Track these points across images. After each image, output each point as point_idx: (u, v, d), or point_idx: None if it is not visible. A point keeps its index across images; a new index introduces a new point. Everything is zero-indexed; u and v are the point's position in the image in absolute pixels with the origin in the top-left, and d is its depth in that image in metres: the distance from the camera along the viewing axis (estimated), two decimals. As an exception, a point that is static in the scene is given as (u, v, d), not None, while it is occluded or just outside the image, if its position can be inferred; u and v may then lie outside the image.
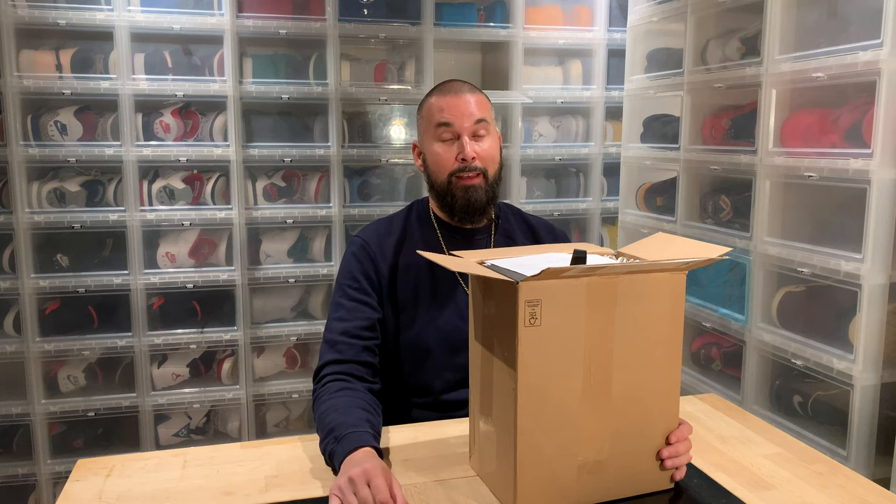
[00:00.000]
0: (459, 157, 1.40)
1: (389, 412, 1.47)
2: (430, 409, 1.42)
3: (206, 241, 2.48)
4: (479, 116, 1.40)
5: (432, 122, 1.42)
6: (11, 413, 2.35)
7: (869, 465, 1.65)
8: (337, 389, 1.26)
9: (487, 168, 1.42)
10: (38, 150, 2.28)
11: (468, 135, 1.40)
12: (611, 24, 2.70)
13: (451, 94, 1.42)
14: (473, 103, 1.41)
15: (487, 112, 1.43)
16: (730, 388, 2.06)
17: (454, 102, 1.41)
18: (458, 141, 1.40)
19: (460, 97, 1.41)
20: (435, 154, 1.42)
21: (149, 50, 2.37)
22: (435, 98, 1.44)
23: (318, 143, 2.53)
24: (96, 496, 1.06)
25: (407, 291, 1.42)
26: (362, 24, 2.48)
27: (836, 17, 1.77)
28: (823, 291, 1.78)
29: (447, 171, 1.41)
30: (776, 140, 1.88)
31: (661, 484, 1.06)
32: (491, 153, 1.43)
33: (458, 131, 1.40)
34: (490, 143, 1.43)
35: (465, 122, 1.40)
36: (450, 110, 1.40)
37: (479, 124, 1.41)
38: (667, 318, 1.02)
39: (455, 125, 1.40)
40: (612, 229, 2.82)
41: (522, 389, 0.95)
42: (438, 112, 1.41)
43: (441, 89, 1.45)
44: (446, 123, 1.40)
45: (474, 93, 1.44)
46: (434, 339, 1.41)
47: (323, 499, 1.04)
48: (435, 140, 1.42)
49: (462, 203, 1.42)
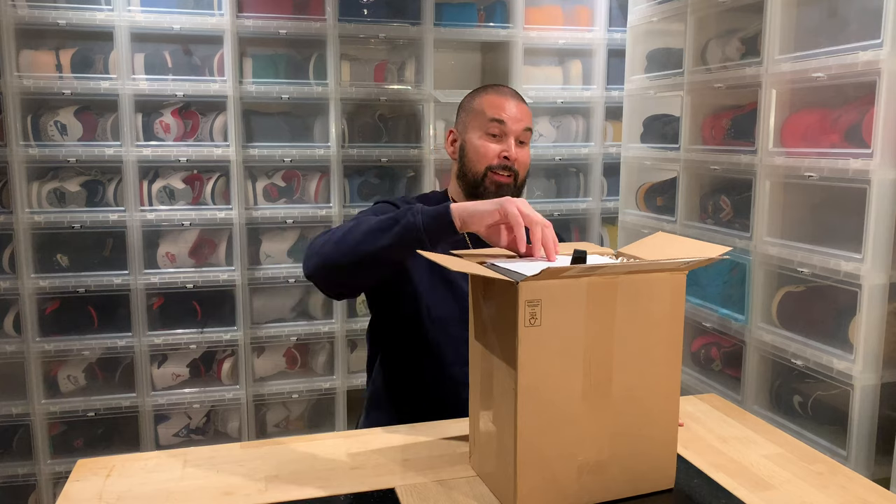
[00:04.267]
0: (503, 154, 1.49)
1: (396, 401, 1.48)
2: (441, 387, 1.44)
3: (206, 241, 2.48)
4: (527, 125, 1.51)
5: (485, 115, 1.50)
6: (11, 413, 2.35)
7: (869, 465, 1.65)
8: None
9: (520, 173, 1.51)
10: (38, 150, 2.28)
11: (515, 138, 1.49)
12: (611, 24, 2.70)
13: (508, 97, 1.52)
14: (525, 112, 1.52)
15: (532, 124, 1.54)
16: (730, 388, 2.06)
17: (511, 105, 1.50)
18: (506, 140, 1.49)
19: (518, 103, 1.52)
20: (478, 146, 1.50)
21: (149, 50, 2.37)
22: (493, 96, 1.52)
23: (318, 143, 2.53)
24: (96, 496, 1.06)
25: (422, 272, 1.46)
26: (362, 24, 2.48)
27: (836, 17, 1.77)
28: (823, 291, 1.78)
29: (486, 164, 1.49)
30: (776, 140, 1.88)
31: (661, 484, 1.06)
32: (526, 161, 1.53)
33: (508, 132, 1.49)
34: (527, 153, 1.54)
35: (517, 126, 1.49)
36: (507, 111, 1.49)
37: (527, 132, 1.51)
38: (667, 318, 1.02)
39: (508, 125, 1.49)
40: (612, 229, 2.82)
41: (522, 389, 0.95)
42: (495, 108, 1.50)
43: (497, 90, 1.54)
44: (500, 121, 1.49)
45: (524, 103, 1.55)
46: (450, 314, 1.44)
47: (322, 499, 1.04)
48: (482, 132, 1.50)
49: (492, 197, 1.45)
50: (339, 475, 1.11)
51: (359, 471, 1.12)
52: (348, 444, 1.22)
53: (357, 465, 1.15)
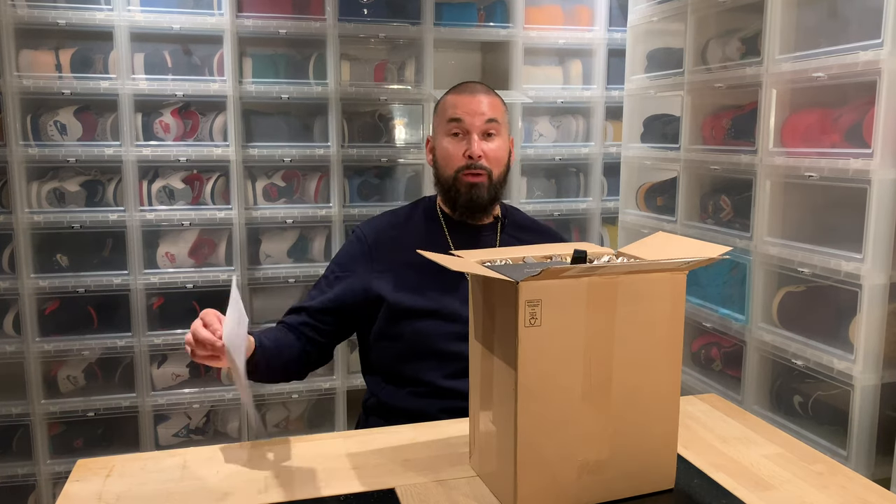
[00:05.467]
0: (467, 153, 1.44)
1: (390, 405, 1.48)
2: (428, 398, 1.43)
3: (206, 241, 2.48)
4: (490, 116, 1.45)
5: (445, 117, 1.47)
6: (11, 413, 2.34)
7: (869, 465, 1.65)
8: (276, 328, 1.47)
9: (493, 168, 1.46)
10: (38, 150, 2.28)
11: (478, 133, 1.44)
12: (611, 24, 2.70)
13: (466, 93, 1.47)
14: (486, 103, 1.46)
15: (500, 113, 1.47)
16: (730, 388, 2.06)
17: (468, 100, 1.46)
18: (468, 138, 1.45)
19: (474, 96, 1.46)
20: (444, 149, 1.47)
21: (149, 50, 2.36)
22: (451, 96, 1.49)
23: (318, 143, 2.53)
24: (96, 496, 1.06)
25: (407, 282, 1.45)
26: (362, 23, 2.48)
27: (836, 17, 1.77)
28: (824, 291, 1.78)
29: (453, 166, 1.46)
30: (776, 140, 1.88)
31: (661, 484, 1.06)
32: (497, 154, 1.47)
33: (469, 128, 1.44)
34: (498, 144, 1.47)
35: (476, 119, 1.44)
36: (462, 107, 1.45)
37: (490, 124, 1.45)
38: (667, 318, 1.02)
39: (465, 122, 1.44)
40: (612, 229, 2.82)
41: (522, 389, 0.95)
42: (452, 108, 1.46)
43: (457, 88, 1.50)
44: (457, 119, 1.45)
45: (489, 94, 1.48)
46: (435, 329, 1.43)
47: (323, 499, 1.04)
48: (445, 135, 1.47)
49: (465, 199, 1.46)
50: (339, 475, 1.11)
51: (359, 471, 1.12)
52: (348, 444, 1.22)
53: (357, 465, 1.15)
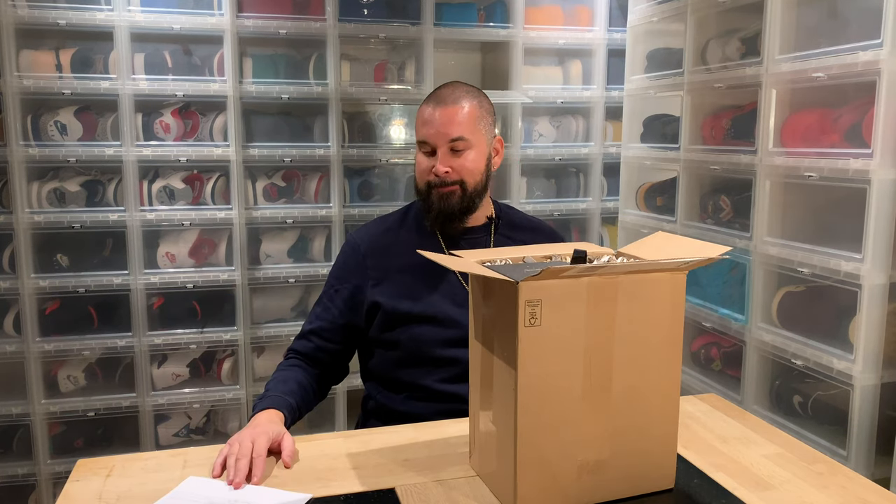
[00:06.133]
0: (433, 171, 1.44)
1: (385, 409, 1.48)
2: (425, 401, 1.43)
3: (206, 241, 2.48)
4: (455, 135, 1.41)
5: (417, 132, 1.47)
6: (11, 413, 2.34)
7: (869, 465, 1.65)
8: (291, 365, 1.44)
9: (465, 179, 1.44)
10: (38, 150, 2.28)
11: (445, 149, 1.43)
12: (611, 24, 2.70)
13: (437, 105, 1.43)
14: (454, 119, 1.41)
15: (470, 125, 1.42)
16: (730, 388, 2.06)
17: (435, 117, 1.42)
18: (436, 154, 1.44)
19: (445, 109, 1.42)
20: (417, 162, 1.48)
21: (149, 50, 2.37)
22: (423, 107, 1.46)
23: (318, 143, 2.52)
24: (96, 496, 1.06)
25: (402, 288, 1.45)
26: (362, 24, 2.48)
27: (836, 17, 1.77)
28: (823, 291, 1.78)
29: (424, 180, 1.47)
30: (776, 140, 1.88)
31: (661, 484, 1.06)
32: (469, 166, 1.44)
33: (435, 147, 1.43)
34: (471, 156, 1.44)
35: (440, 140, 1.42)
36: (429, 126, 1.43)
37: (456, 142, 1.42)
38: (667, 318, 1.02)
39: (430, 142, 1.44)
40: (612, 229, 2.82)
41: (522, 389, 0.95)
42: (421, 125, 1.45)
43: (430, 98, 1.47)
44: (423, 140, 1.45)
45: (460, 103, 1.43)
46: (431, 335, 1.42)
47: (323, 499, 1.04)
48: (419, 151, 1.48)
49: (436, 209, 1.46)
50: (339, 475, 1.11)
51: (359, 471, 1.13)
52: (348, 444, 1.22)
53: (357, 465, 1.15)
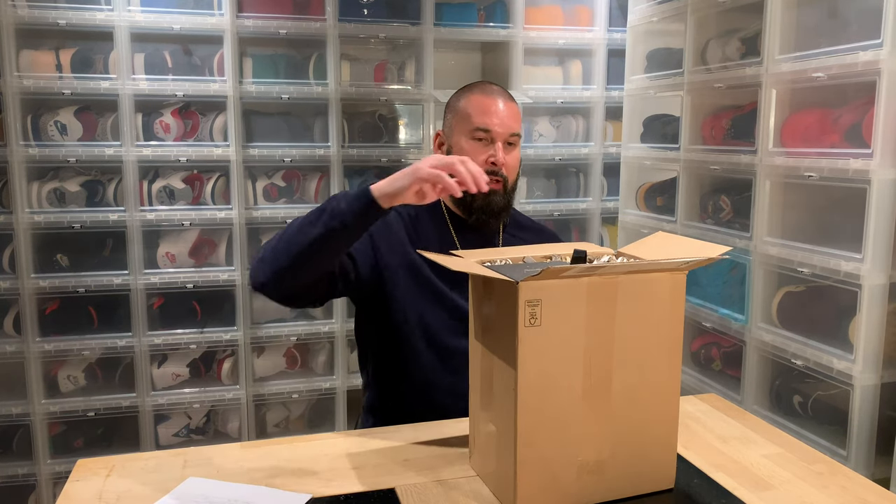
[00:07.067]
0: (490, 160, 1.42)
1: (388, 410, 1.47)
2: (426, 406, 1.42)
3: (206, 241, 2.48)
4: (516, 130, 1.45)
5: (471, 121, 1.44)
6: (11, 413, 2.35)
7: (869, 465, 1.65)
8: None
9: (509, 177, 1.46)
10: (38, 150, 2.28)
11: (502, 142, 1.43)
12: (611, 24, 2.70)
13: (496, 99, 1.44)
14: (513, 115, 1.45)
15: (520, 125, 1.47)
16: (730, 388, 2.06)
17: (498, 111, 1.43)
18: (493, 145, 1.43)
19: (508, 103, 1.45)
20: (464, 152, 1.43)
21: (149, 50, 2.37)
22: (479, 97, 1.45)
23: (318, 143, 2.53)
24: (96, 496, 1.06)
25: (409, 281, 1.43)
26: (362, 24, 2.48)
27: (836, 17, 1.77)
28: (823, 291, 1.78)
29: None
30: (776, 140, 1.88)
31: (661, 484, 1.06)
32: (514, 165, 1.47)
33: (495, 138, 1.43)
34: (517, 154, 1.48)
35: (504, 132, 1.43)
36: (492, 116, 1.43)
37: (514, 137, 1.45)
38: (667, 318, 1.02)
39: (493, 132, 1.43)
40: (612, 229, 2.82)
41: (522, 389, 0.95)
42: (481, 114, 1.43)
43: (484, 90, 1.47)
44: (486, 129, 1.43)
45: (512, 102, 1.47)
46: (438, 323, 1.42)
47: (323, 499, 1.04)
48: (468, 138, 1.44)
49: (481, 204, 1.45)
50: (339, 475, 1.11)
51: (359, 471, 1.12)
52: (348, 444, 1.22)
53: (357, 465, 1.15)
